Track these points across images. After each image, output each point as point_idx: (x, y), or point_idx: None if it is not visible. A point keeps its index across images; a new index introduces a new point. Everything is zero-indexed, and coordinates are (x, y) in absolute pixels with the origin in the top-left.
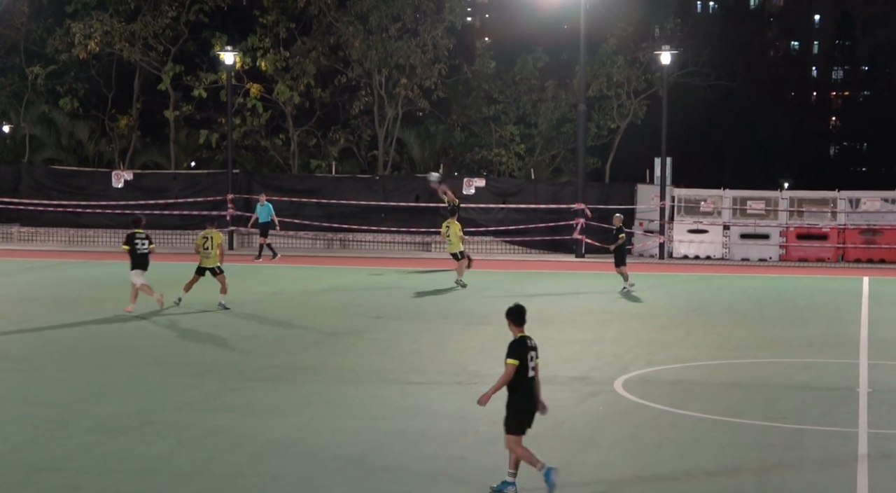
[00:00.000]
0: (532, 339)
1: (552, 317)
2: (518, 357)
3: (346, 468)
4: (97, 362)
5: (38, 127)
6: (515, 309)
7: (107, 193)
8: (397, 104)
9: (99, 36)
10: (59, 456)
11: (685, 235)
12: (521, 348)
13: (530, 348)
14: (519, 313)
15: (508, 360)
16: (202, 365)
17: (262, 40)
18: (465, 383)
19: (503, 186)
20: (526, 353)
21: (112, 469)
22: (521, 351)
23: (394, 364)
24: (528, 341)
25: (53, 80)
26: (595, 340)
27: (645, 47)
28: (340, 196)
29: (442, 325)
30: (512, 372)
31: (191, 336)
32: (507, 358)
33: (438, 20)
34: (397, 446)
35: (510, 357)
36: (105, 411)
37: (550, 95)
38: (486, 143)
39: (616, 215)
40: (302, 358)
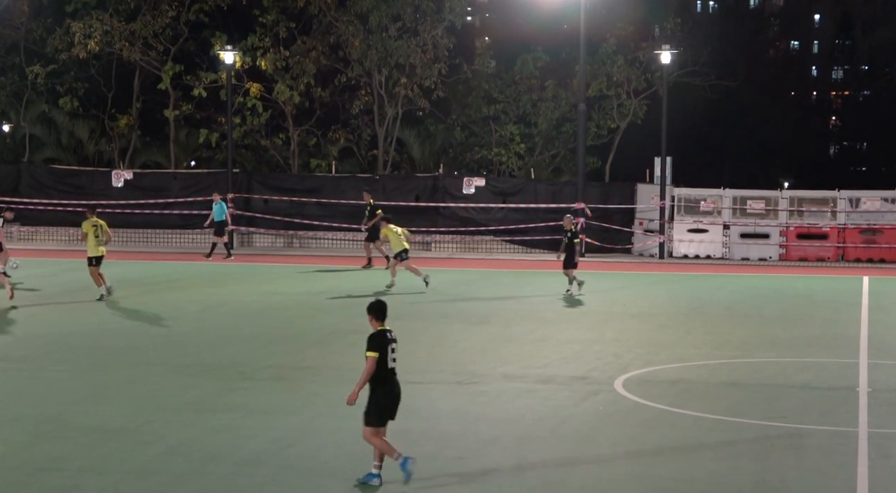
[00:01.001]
0: (392, 332)
1: (552, 316)
2: (378, 349)
3: (346, 467)
4: (97, 363)
5: (38, 126)
6: (377, 304)
7: (107, 193)
8: (397, 104)
9: (99, 35)
10: (59, 456)
11: (685, 234)
12: (381, 341)
13: (390, 341)
14: (380, 307)
15: (369, 353)
16: (202, 365)
17: (262, 40)
18: (464, 383)
19: (503, 185)
20: (386, 345)
21: (112, 469)
22: (381, 343)
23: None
24: (388, 334)
25: (53, 79)
26: (595, 339)
27: (645, 47)
28: (340, 196)
29: (442, 325)
30: (373, 365)
31: (190, 336)
32: (368, 351)
33: (438, 20)
34: (397, 445)
35: (370, 350)
36: (105, 411)
37: (550, 95)
38: (486, 142)
39: (566, 216)
40: (302, 358)
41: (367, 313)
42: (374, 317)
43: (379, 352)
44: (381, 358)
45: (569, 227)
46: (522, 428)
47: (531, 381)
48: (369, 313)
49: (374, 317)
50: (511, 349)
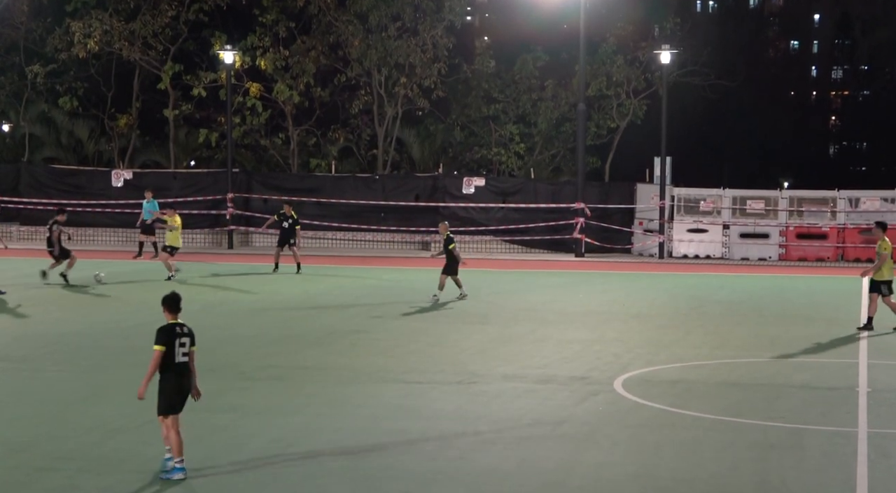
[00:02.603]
0: (185, 326)
1: (552, 316)
2: (164, 343)
3: (346, 467)
4: (97, 363)
5: (37, 126)
6: (171, 297)
7: (106, 192)
8: (397, 103)
9: (98, 35)
10: (60, 456)
11: (685, 234)
12: (168, 335)
13: (180, 335)
14: (174, 300)
15: (155, 346)
16: (202, 365)
17: (262, 39)
18: (464, 382)
19: (503, 185)
20: (174, 339)
21: (112, 469)
22: (168, 337)
23: (394, 364)
24: (178, 328)
25: (53, 79)
26: (595, 339)
27: (644, 47)
28: (340, 195)
29: (442, 324)
30: (158, 358)
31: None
32: (154, 345)
33: (438, 19)
34: (397, 445)
35: (157, 344)
36: (105, 411)
37: (550, 95)
38: (485, 142)
39: (442, 223)
40: (302, 358)
41: (162, 304)
42: (167, 309)
43: (165, 346)
44: (167, 352)
45: (444, 233)
46: (522, 428)
47: (531, 381)
48: (163, 305)
49: (167, 309)
50: (511, 349)
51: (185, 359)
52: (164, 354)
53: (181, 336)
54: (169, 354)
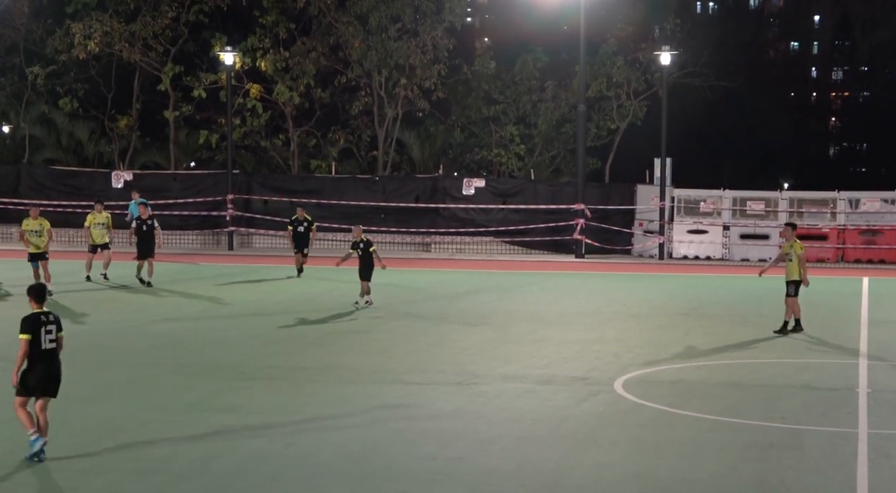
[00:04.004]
0: (51, 314)
1: (552, 317)
2: (30, 332)
3: (346, 467)
4: (97, 363)
5: (37, 127)
6: (36, 287)
7: (106, 194)
8: (397, 105)
9: (99, 36)
10: (59, 456)
11: (685, 235)
12: (34, 324)
13: (45, 323)
14: (39, 291)
15: (21, 335)
16: (202, 365)
17: (262, 41)
18: (464, 383)
19: (503, 186)
20: (39, 327)
21: (112, 469)
22: (33, 326)
23: (393, 364)
24: (43, 317)
25: (53, 80)
26: (595, 340)
27: (645, 48)
28: (340, 197)
29: (441, 325)
30: (26, 346)
31: (191, 336)
32: (20, 334)
33: (438, 21)
34: (397, 445)
35: (22, 333)
36: (105, 411)
37: (550, 96)
38: (485, 143)
39: (356, 228)
40: (302, 358)
41: (27, 294)
42: (33, 299)
43: (31, 334)
44: (33, 340)
45: (358, 237)
46: (522, 428)
47: (531, 381)
48: (28, 295)
49: (33, 299)
50: (511, 350)
51: (53, 345)
52: (31, 342)
53: (46, 324)
54: (36, 342)
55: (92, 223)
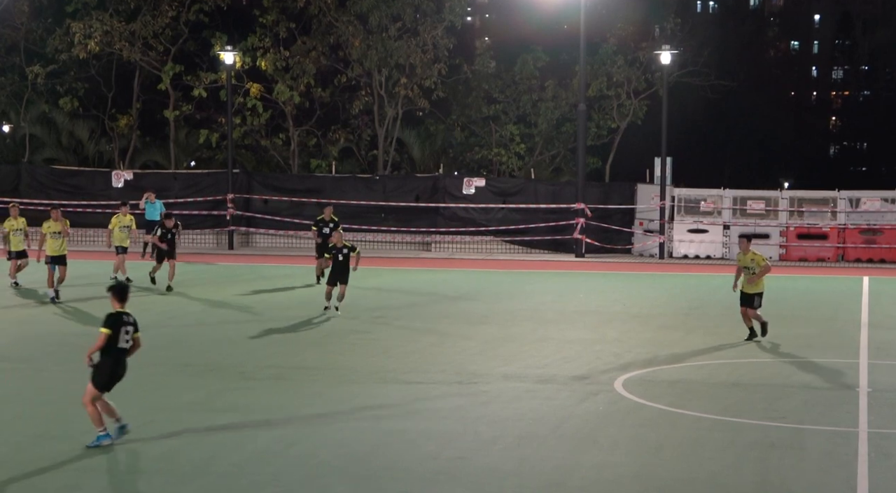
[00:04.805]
0: (131, 315)
1: (552, 317)
2: (111, 328)
3: (347, 467)
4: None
5: (38, 127)
6: (119, 287)
7: (107, 193)
8: (397, 104)
9: (99, 36)
10: (61, 456)
11: (685, 234)
12: (116, 321)
13: (125, 323)
14: (122, 290)
15: (102, 329)
16: (203, 365)
17: (262, 40)
18: (465, 382)
19: (503, 185)
20: (120, 326)
21: (113, 469)
22: (116, 323)
23: (394, 364)
24: (125, 316)
25: (53, 79)
26: (595, 339)
27: (645, 47)
28: (340, 196)
29: (442, 325)
30: (104, 340)
31: (191, 337)
32: (101, 327)
33: (438, 20)
34: (397, 445)
35: (104, 327)
36: None
37: (550, 95)
38: (486, 142)
39: (337, 232)
40: (302, 358)
41: (109, 293)
42: (116, 298)
43: (112, 330)
44: (112, 335)
45: (341, 242)
46: (523, 428)
47: (531, 381)
48: (111, 293)
49: (116, 298)
50: (511, 349)
51: (128, 345)
52: (110, 337)
53: (127, 325)
54: (114, 338)
55: (116, 226)
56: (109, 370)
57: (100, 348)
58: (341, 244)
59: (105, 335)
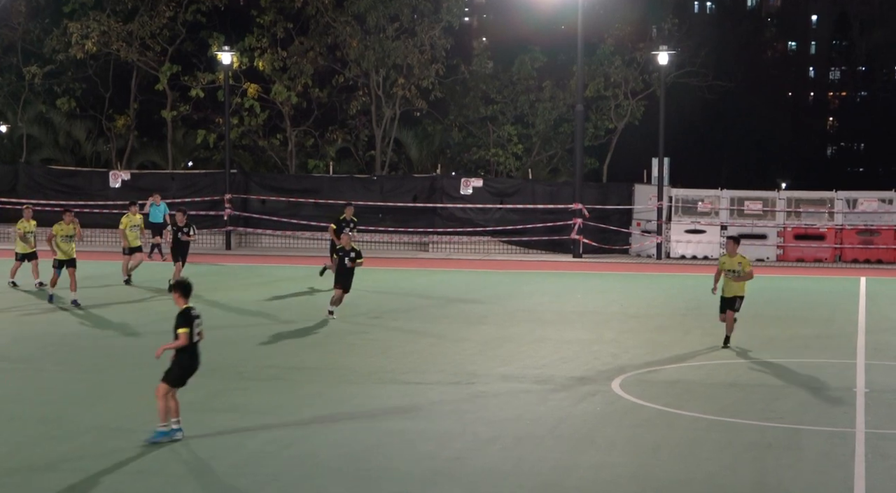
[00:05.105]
0: (195, 308)
1: (550, 317)
2: (188, 326)
3: (345, 467)
4: (97, 363)
5: (35, 127)
6: (185, 284)
7: (104, 193)
8: (395, 104)
9: (96, 36)
10: (59, 456)
11: (682, 235)
12: (189, 318)
13: (195, 317)
14: (186, 287)
15: (181, 329)
16: (202, 365)
17: (260, 40)
18: (462, 383)
19: (501, 186)
20: (192, 321)
21: (112, 470)
22: (189, 321)
23: (392, 364)
24: (192, 311)
25: (50, 79)
26: (593, 340)
27: (642, 48)
28: (338, 196)
29: (440, 325)
30: (186, 339)
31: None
32: (180, 328)
33: (436, 20)
34: (395, 445)
35: (182, 327)
36: (105, 411)
37: (548, 96)
38: (483, 143)
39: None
40: (301, 358)
41: (175, 291)
42: (182, 295)
43: (189, 328)
44: (189, 332)
45: (349, 245)
46: (520, 428)
47: (529, 381)
48: (177, 291)
49: (182, 295)
50: (509, 350)
51: (199, 338)
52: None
53: (196, 318)
54: (190, 334)
55: (127, 226)
56: (186, 365)
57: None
58: (349, 247)
59: (186, 334)
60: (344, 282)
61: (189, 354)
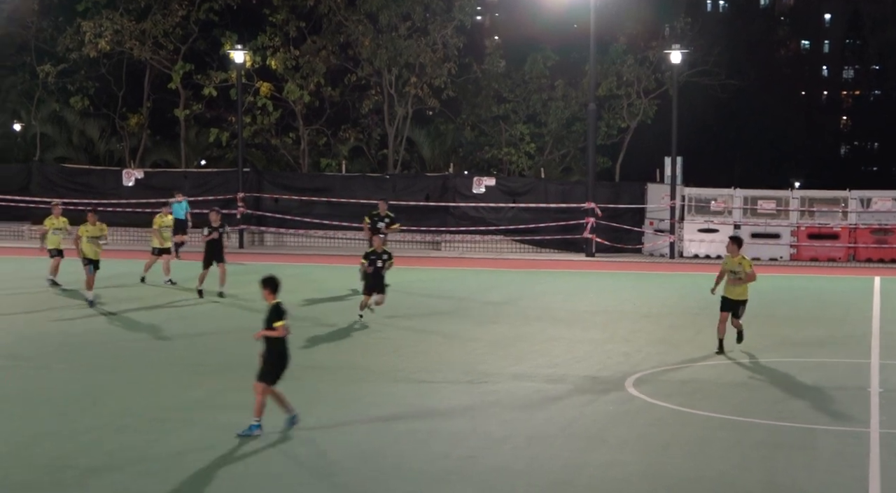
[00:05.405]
0: (282, 303)
1: (563, 316)
2: (283, 318)
3: (357, 467)
4: (105, 361)
5: (48, 125)
6: (273, 280)
7: (117, 192)
8: (407, 103)
9: (109, 34)
10: (67, 454)
11: (695, 234)
12: (282, 311)
13: (284, 311)
14: (276, 283)
15: (278, 322)
16: (211, 364)
17: (272, 39)
18: (475, 382)
19: (513, 185)
20: (284, 314)
21: (118, 467)
22: (282, 313)
23: (405, 363)
24: (283, 306)
25: (64, 78)
26: (606, 339)
27: (655, 46)
28: (350, 195)
29: (452, 324)
30: (284, 331)
31: (201, 335)
32: (276, 321)
33: (448, 19)
34: (407, 444)
35: (279, 320)
36: (112, 409)
37: (560, 95)
38: (495, 142)
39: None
40: (312, 357)
41: (264, 287)
42: (270, 291)
43: (284, 320)
44: (286, 324)
45: (380, 247)
46: (532, 427)
47: (541, 380)
48: (266, 287)
49: (270, 291)
50: (521, 349)
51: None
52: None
53: (285, 312)
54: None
55: (161, 226)
56: (276, 361)
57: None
58: (381, 249)
59: (283, 326)
60: (377, 287)
61: (278, 350)
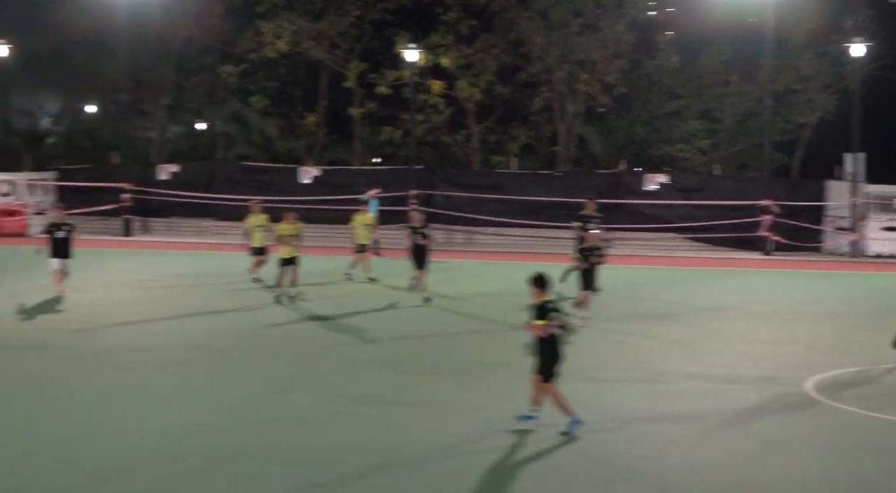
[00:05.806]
0: (552, 302)
1: (739, 315)
2: (542, 318)
3: (529, 465)
4: (286, 355)
5: (230, 124)
6: (541, 278)
7: (294, 189)
8: (578, 100)
9: (287, 35)
10: (248, 444)
11: (879, 232)
12: (544, 311)
13: (551, 310)
14: (544, 281)
15: (537, 322)
16: (388, 359)
17: (444, 37)
18: (651, 381)
19: (686, 182)
20: (546, 314)
21: (299, 459)
22: (544, 313)
23: (581, 362)
24: (549, 304)
25: (244, 78)
26: (784, 339)
27: (835, 39)
28: (520, 192)
29: (627, 322)
30: (542, 331)
31: (379, 331)
32: (536, 320)
33: (620, 15)
34: (582, 443)
35: (538, 319)
36: (294, 402)
37: (735, 89)
38: (668, 138)
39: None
40: (483, 353)
41: (533, 285)
42: (539, 288)
43: (543, 320)
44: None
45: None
46: (709, 428)
47: (718, 381)
48: (536, 286)
49: (539, 288)
50: (696, 348)
51: (557, 331)
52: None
53: (553, 311)
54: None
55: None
56: (547, 357)
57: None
58: (595, 245)
59: (540, 326)
60: (593, 282)
61: (549, 346)
